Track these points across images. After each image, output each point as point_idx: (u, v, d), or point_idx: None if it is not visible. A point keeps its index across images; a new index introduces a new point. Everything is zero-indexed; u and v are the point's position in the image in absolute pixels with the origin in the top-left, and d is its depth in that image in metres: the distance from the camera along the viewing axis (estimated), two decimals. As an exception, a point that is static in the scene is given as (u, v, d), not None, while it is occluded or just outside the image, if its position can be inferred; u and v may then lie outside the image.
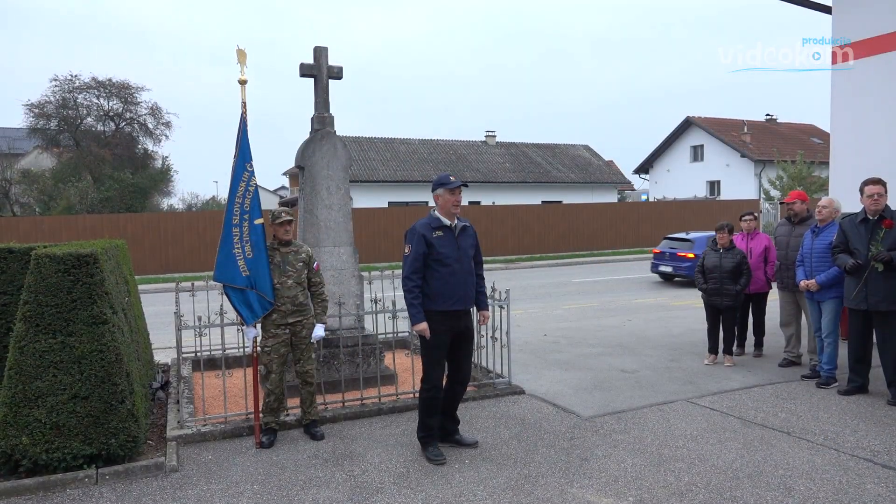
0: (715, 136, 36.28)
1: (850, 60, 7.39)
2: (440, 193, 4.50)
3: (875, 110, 7.64)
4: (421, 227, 4.47)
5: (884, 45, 7.50)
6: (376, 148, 32.78)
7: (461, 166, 32.78)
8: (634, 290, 14.37)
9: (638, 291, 14.19)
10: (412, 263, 4.42)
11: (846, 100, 7.91)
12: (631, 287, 15.09)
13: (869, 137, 7.69)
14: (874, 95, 7.63)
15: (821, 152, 34.12)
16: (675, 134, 38.92)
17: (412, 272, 4.42)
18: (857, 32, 7.71)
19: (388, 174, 30.56)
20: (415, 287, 4.41)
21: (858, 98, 7.78)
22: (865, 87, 7.70)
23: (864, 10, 7.70)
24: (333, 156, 6.35)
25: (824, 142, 36.77)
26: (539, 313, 11.20)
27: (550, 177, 33.81)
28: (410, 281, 4.42)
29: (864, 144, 7.73)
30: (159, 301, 13.83)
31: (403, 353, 7.25)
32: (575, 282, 16.61)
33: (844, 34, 7.83)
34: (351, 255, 6.40)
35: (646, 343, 8.27)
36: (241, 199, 4.87)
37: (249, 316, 4.86)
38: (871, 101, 7.65)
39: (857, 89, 7.79)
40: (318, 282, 5.10)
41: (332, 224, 6.31)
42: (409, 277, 4.43)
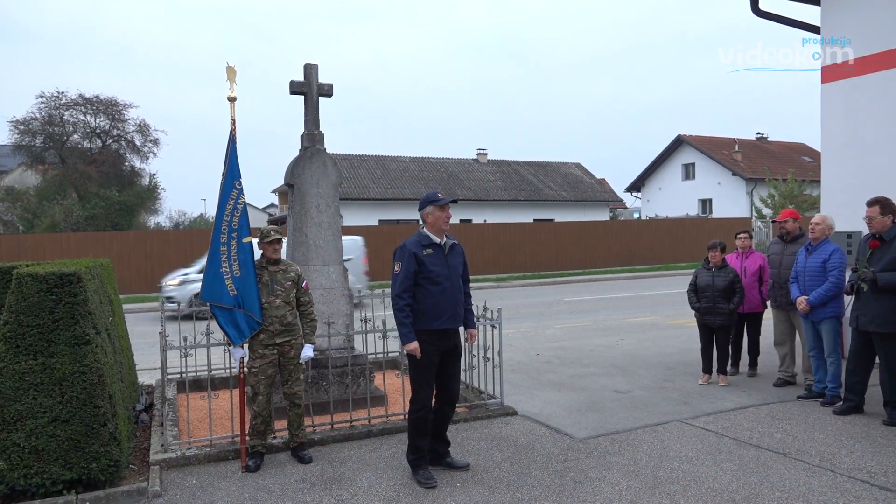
0: (706, 155, 36.70)
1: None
2: (429, 211, 4.51)
3: (866, 127, 7.76)
4: (411, 245, 4.47)
5: (874, 64, 7.64)
6: (367, 165, 32.88)
7: (452, 184, 32.91)
8: (627, 309, 14.39)
9: (631, 310, 14.20)
10: (402, 282, 4.41)
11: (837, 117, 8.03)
12: (624, 306, 15.11)
13: (860, 154, 7.80)
14: (865, 111, 7.75)
15: (811, 171, 34.56)
16: (666, 152, 39.33)
17: (402, 290, 4.41)
18: (845, 51, 7.87)
19: (379, 192, 30.62)
20: (406, 305, 4.40)
21: (850, 115, 7.90)
22: (857, 103, 7.83)
23: (852, 30, 7.86)
24: (323, 173, 6.36)
25: (815, 160, 37.26)
26: (531, 332, 11.18)
27: (542, 195, 34.00)
28: (401, 299, 4.41)
29: (855, 162, 7.84)
30: (144, 321, 13.70)
31: (394, 373, 7.21)
32: (567, 300, 16.62)
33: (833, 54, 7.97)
34: (340, 274, 6.38)
35: (639, 363, 8.27)
36: (229, 217, 4.85)
37: (237, 336, 4.82)
38: (862, 116, 7.77)
39: (848, 106, 7.92)
40: (306, 301, 5.07)
41: (321, 242, 6.30)
42: (399, 296, 4.42)
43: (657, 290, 18.62)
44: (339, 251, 6.40)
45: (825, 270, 6.12)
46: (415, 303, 4.43)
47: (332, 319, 5.85)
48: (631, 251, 27.08)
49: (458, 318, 4.56)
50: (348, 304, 6.44)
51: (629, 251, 27.04)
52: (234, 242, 4.85)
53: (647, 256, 27.32)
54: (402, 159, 34.61)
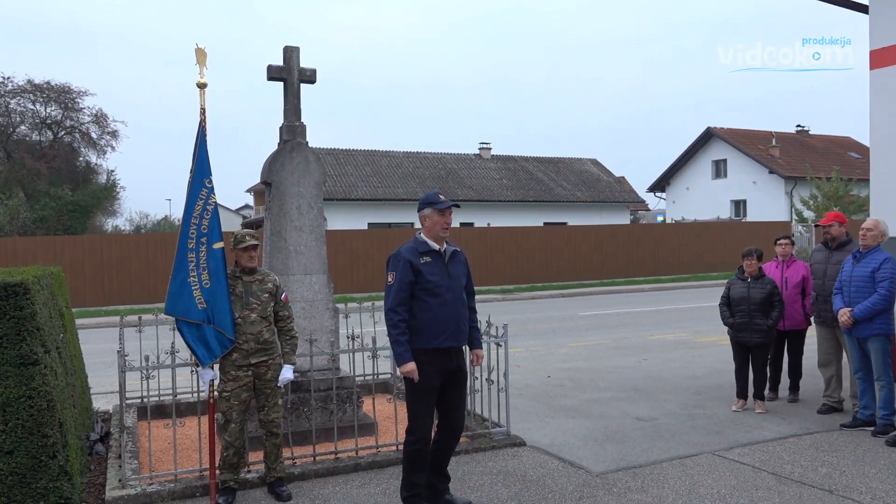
0: (739, 150, 36.82)
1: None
2: (427, 214, 4.51)
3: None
4: (406, 252, 4.47)
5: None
6: (355, 161, 32.96)
7: (452, 183, 32.98)
8: (651, 325, 14.38)
9: (655, 326, 14.20)
10: (397, 294, 4.40)
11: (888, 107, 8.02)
12: (647, 321, 15.10)
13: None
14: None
15: (859, 168, 34.68)
16: (694, 147, 39.46)
17: (397, 303, 4.40)
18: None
19: (368, 191, 30.68)
20: (401, 321, 4.39)
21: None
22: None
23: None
24: (305, 170, 6.37)
25: (863, 156, 37.39)
26: (541, 352, 11.17)
27: (553, 195, 34.09)
28: (395, 314, 4.39)
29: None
30: (101, 338, 13.67)
31: (385, 398, 7.19)
32: (582, 315, 16.60)
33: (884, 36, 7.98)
34: (325, 285, 6.38)
35: (665, 386, 8.26)
36: (197, 220, 4.85)
37: (206, 355, 4.81)
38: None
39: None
40: (286, 316, 5.07)
41: (302, 248, 6.30)
42: (393, 310, 4.41)
43: (685, 304, 18.59)
44: (322, 259, 6.39)
45: (874, 281, 6.10)
46: (412, 318, 4.42)
47: (314, 336, 5.85)
48: (655, 259, 27.13)
49: (462, 336, 4.55)
50: (333, 318, 6.43)
51: (653, 259, 27.10)
52: (203, 248, 4.85)
53: (672, 265, 27.37)
54: (394, 154, 34.71)
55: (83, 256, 20.10)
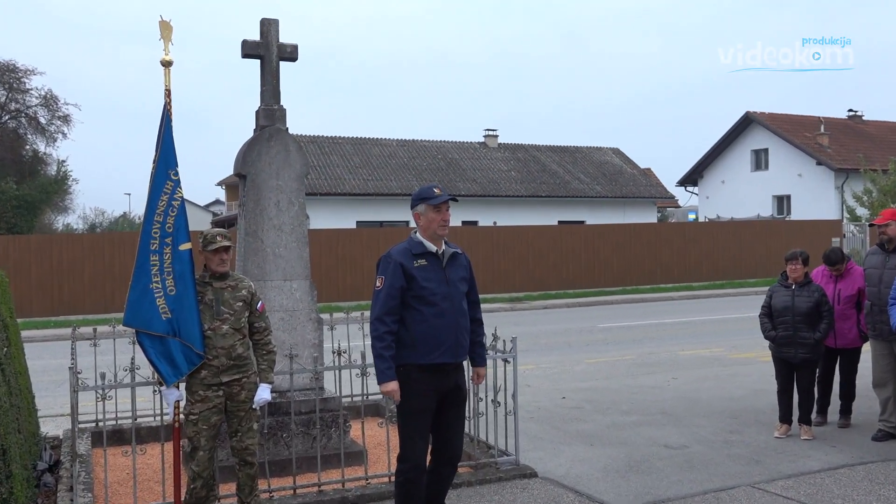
0: (783, 138, 36.85)
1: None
2: (421, 211, 4.51)
3: None
4: (398, 255, 4.48)
5: None
6: (342, 151, 33.02)
7: (453, 175, 33.04)
8: (682, 339, 14.39)
9: (686, 340, 14.20)
10: (385, 301, 4.41)
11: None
12: (677, 335, 15.10)
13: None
14: None
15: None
16: (731, 135, 39.49)
17: (385, 312, 4.41)
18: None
19: (357, 185, 30.73)
20: (387, 333, 4.40)
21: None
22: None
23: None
24: (285, 161, 6.38)
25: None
26: (555, 369, 11.18)
27: (569, 189, 34.15)
28: (382, 325, 4.40)
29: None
30: (50, 353, 13.66)
31: (376, 422, 7.19)
32: (602, 327, 16.58)
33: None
34: (307, 292, 6.39)
35: (697, 409, 8.27)
36: (161, 217, 4.86)
37: (171, 373, 4.82)
38: None
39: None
40: (262, 327, 5.07)
41: (281, 251, 6.31)
42: (380, 319, 4.42)
43: (720, 314, 18.57)
44: (304, 262, 6.40)
45: None
46: (404, 330, 4.43)
47: (295, 351, 5.85)
48: (685, 263, 27.16)
49: (461, 350, 4.55)
50: (317, 330, 6.43)
51: (683, 263, 27.12)
52: (168, 250, 4.85)
53: (706, 270, 27.38)
54: (387, 143, 34.78)
55: (30, 259, 20.11)
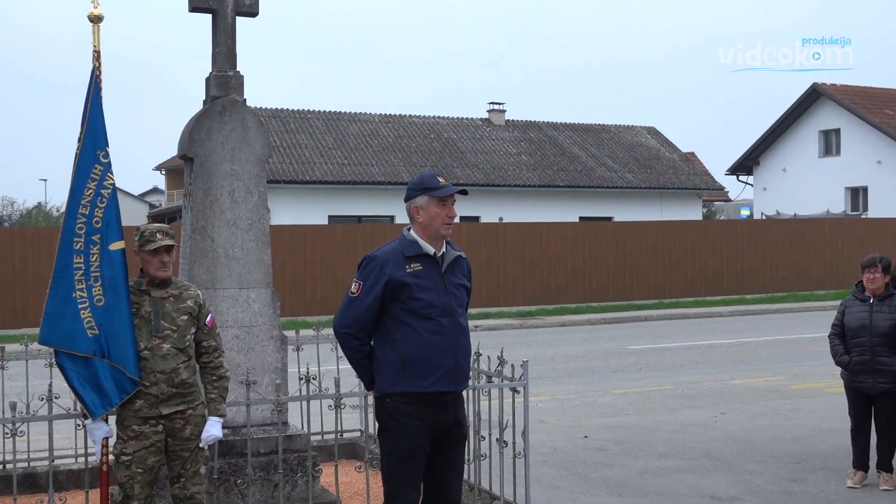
0: (859, 117, 36.87)
1: None
2: (422, 204, 4.47)
3: None
4: (386, 257, 4.43)
5: None
6: (311, 128, 32.99)
7: (449, 158, 33.02)
8: (732, 364, 14.37)
9: (737, 366, 14.19)
10: (357, 311, 4.40)
11: None
12: (726, 359, 15.08)
13: None
14: None
15: None
16: (794, 112, 39.51)
17: (360, 327, 4.42)
18: None
19: (331, 171, 30.68)
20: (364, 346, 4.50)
21: None
22: None
23: None
24: (242, 140, 6.36)
25: None
26: (575, 401, 11.17)
27: (593, 178, 34.14)
28: (356, 339, 4.46)
29: None
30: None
31: (353, 465, 7.17)
32: (633, 349, 16.56)
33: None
34: (268, 303, 6.37)
35: (751, 452, 8.27)
36: (88, 210, 4.84)
37: (98, 403, 4.80)
38: None
39: None
40: (212, 347, 5.06)
41: (237, 252, 6.30)
42: (353, 335, 4.43)
43: (779, 334, 18.58)
44: (265, 266, 6.38)
45: None
46: (389, 350, 4.40)
47: (253, 377, 5.82)
48: (737, 270, 27.19)
49: (462, 376, 4.54)
50: (279, 351, 6.40)
51: (734, 270, 27.16)
52: (95, 250, 4.83)
53: (762, 279, 27.40)
54: (367, 118, 34.76)
55: (-78, 260, 20.03)
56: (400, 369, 4.41)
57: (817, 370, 12.90)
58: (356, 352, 4.50)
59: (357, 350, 4.49)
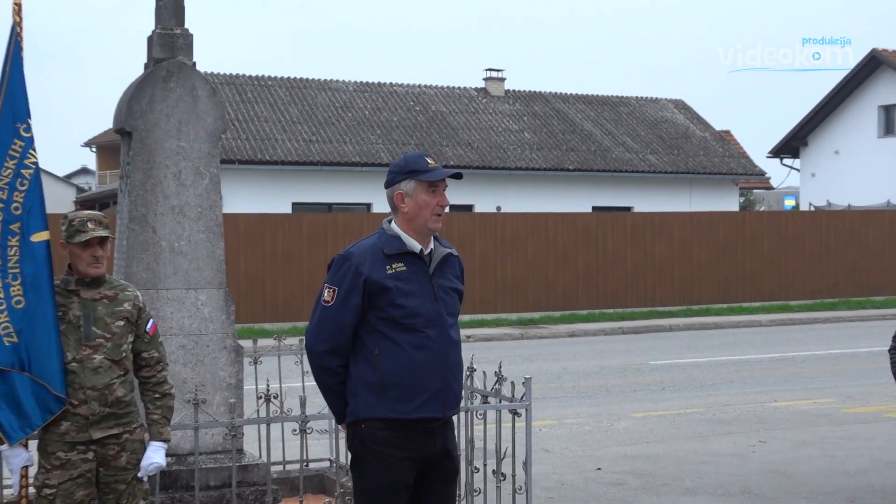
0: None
1: None
2: (408, 191, 4.43)
3: None
4: (362, 255, 4.40)
5: None
6: (273, 98, 32.87)
7: (438, 135, 32.93)
8: (773, 383, 14.41)
9: (779, 385, 14.23)
10: (334, 323, 4.35)
11: None
12: (766, 377, 15.12)
13: None
14: None
15: None
16: (849, 85, 39.36)
17: (331, 337, 4.36)
18: None
19: (296, 149, 30.57)
20: (342, 367, 4.39)
21: None
22: None
23: None
24: (191, 111, 6.37)
25: None
26: (587, 426, 11.21)
27: (610, 160, 34.09)
28: (335, 358, 4.39)
29: None
30: None
31: (321, 501, 7.19)
32: (657, 365, 16.60)
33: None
34: (220, 307, 6.39)
35: (795, 488, 8.31)
36: (5, 194, 4.82)
37: (16, 425, 4.79)
38: None
39: None
40: (154, 359, 5.05)
41: (183, 245, 6.31)
42: (329, 353, 4.39)
43: (829, 348, 18.63)
44: (217, 263, 6.40)
45: None
46: (366, 367, 4.37)
47: (202, 395, 5.83)
48: (780, 271, 27.26)
49: (453, 400, 4.51)
50: (234, 364, 6.42)
51: (777, 271, 27.23)
52: (14, 242, 4.83)
53: (810, 282, 27.46)
54: (340, 87, 34.65)
55: None
56: (378, 391, 4.38)
57: (875, 391, 12.94)
58: (334, 375, 4.43)
59: (335, 373, 4.42)
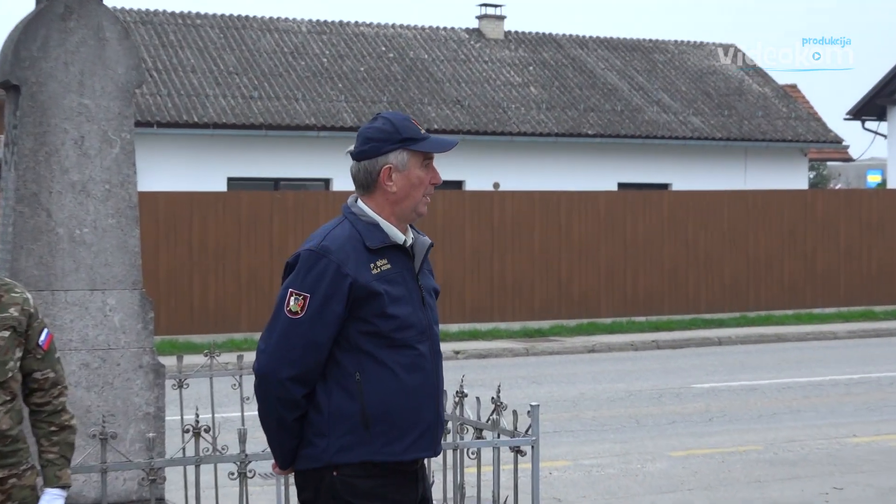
0: None
1: None
2: (399, 164, 4.35)
3: None
4: (343, 250, 4.30)
5: None
6: (203, 41, 32.93)
7: (418, 90, 32.99)
8: (851, 413, 14.53)
9: (860, 415, 14.34)
10: (305, 342, 4.30)
11: None
12: (843, 403, 15.23)
13: None
14: None
15: None
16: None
17: (298, 361, 4.30)
18: None
19: (233, 108, 30.62)
20: (299, 401, 4.33)
21: None
22: None
23: None
24: (97, 59, 6.38)
25: None
26: (611, 468, 11.27)
27: (641, 122, 34.16)
28: (296, 385, 4.31)
29: None
30: None
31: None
32: (701, 389, 16.73)
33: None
34: (135, 314, 6.42)
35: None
36: None
37: None
38: None
39: None
40: (48, 380, 5.04)
41: (87, 234, 6.33)
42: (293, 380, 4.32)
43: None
44: (131, 256, 6.42)
45: None
46: (343, 397, 4.32)
47: (112, 428, 5.82)
48: (862, 268, 27.45)
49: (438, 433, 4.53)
50: (152, 388, 6.43)
51: (857, 267, 27.42)
52: None
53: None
54: (290, 27, 34.76)
55: None
56: (360, 427, 4.34)
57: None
58: (296, 409, 4.38)
59: (297, 406, 4.37)
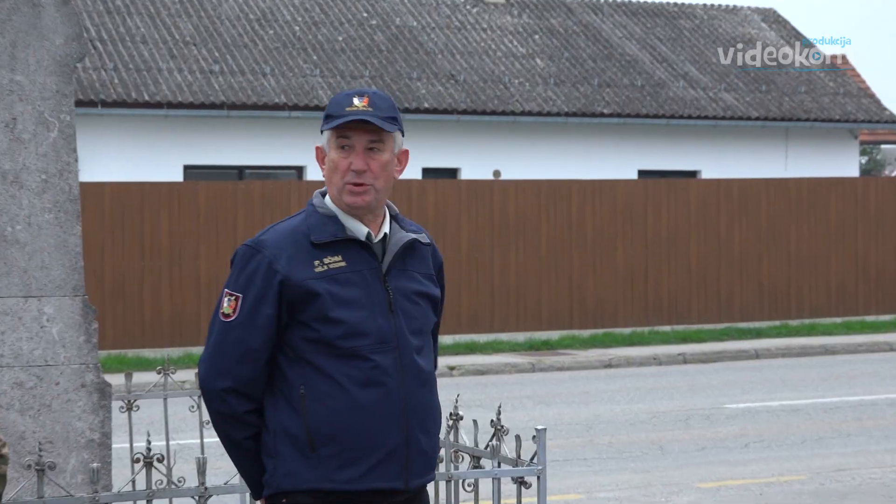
0: None
1: None
2: (324, 146, 4.38)
3: None
4: (278, 244, 4.34)
5: None
6: (155, 6, 32.88)
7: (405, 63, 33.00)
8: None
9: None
10: (239, 348, 4.32)
11: None
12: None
13: None
14: None
15: None
16: None
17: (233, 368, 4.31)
18: None
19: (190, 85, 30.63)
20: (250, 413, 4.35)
21: None
22: None
23: None
24: (30, 27, 6.44)
25: None
26: (630, 500, 11.37)
27: (665, 100, 34.20)
28: (234, 398, 4.32)
29: None
30: None
31: None
32: (736, 409, 16.83)
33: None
34: (76, 325, 6.46)
35: None
36: None
37: None
38: None
39: None
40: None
41: (19, 231, 6.38)
42: (230, 391, 4.33)
43: None
44: (71, 257, 6.46)
45: None
46: (287, 412, 4.36)
47: (49, 457, 5.84)
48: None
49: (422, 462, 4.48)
50: (96, 411, 6.47)
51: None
52: None
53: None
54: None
55: None
56: (307, 448, 4.38)
57: None
58: (241, 426, 4.42)
59: (243, 423, 4.41)
